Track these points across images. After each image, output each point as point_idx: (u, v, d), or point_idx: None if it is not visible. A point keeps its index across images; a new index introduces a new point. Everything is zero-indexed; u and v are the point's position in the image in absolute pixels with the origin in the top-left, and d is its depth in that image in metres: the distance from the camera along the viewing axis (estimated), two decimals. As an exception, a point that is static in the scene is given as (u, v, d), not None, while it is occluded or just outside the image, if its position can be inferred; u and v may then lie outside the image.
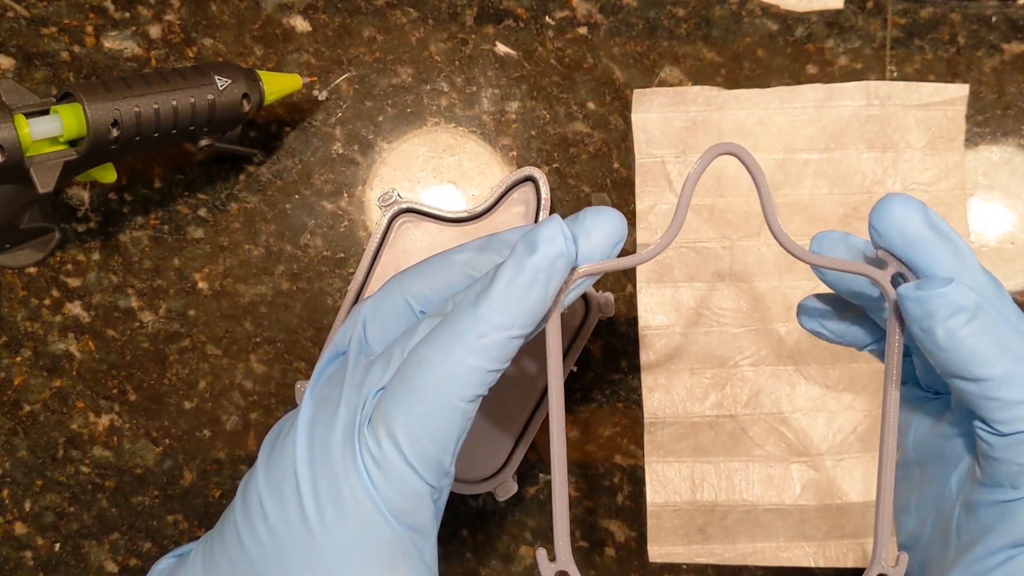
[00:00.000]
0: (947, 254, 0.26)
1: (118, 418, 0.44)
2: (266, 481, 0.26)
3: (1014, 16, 0.45)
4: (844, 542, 0.42)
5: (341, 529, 0.25)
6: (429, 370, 0.24)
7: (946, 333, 0.25)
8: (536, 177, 0.42)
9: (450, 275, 0.27)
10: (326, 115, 0.45)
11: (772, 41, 0.45)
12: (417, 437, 0.24)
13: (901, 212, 0.26)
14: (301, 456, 0.25)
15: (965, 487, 0.28)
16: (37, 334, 0.45)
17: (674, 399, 0.43)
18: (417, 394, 0.24)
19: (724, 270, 0.43)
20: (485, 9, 0.45)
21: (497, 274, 0.25)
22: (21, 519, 0.44)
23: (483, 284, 0.25)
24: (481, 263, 0.27)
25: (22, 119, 0.36)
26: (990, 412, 0.25)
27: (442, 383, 0.24)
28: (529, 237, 0.25)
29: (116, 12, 0.45)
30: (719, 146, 0.27)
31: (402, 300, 0.27)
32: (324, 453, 0.25)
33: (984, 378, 0.25)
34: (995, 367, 0.25)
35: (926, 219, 0.26)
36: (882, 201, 0.26)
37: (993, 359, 0.25)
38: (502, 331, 0.24)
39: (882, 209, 0.26)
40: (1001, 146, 0.44)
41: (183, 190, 0.45)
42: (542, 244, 0.25)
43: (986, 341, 0.25)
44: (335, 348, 0.28)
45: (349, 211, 0.45)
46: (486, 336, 0.24)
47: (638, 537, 0.44)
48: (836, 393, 0.43)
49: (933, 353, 0.26)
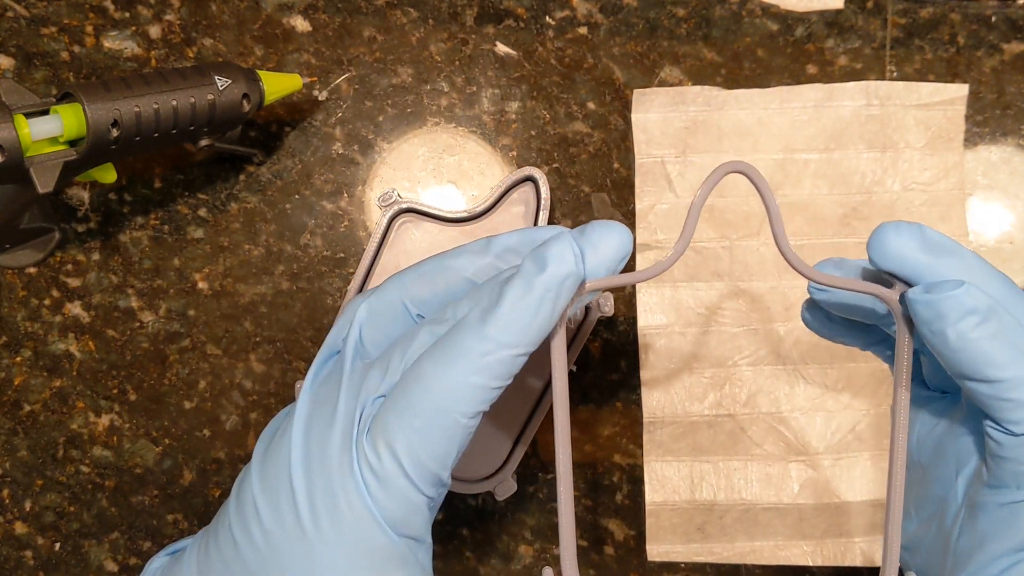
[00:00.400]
0: (950, 272, 0.26)
1: (118, 418, 0.44)
2: (261, 483, 0.26)
3: (1014, 16, 0.45)
4: (842, 541, 0.42)
5: (336, 536, 0.25)
6: (431, 385, 0.24)
7: (957, 336, 0.25)
8: (536, 177, 0.42)
9: (449, 279, 0.27)
10: (326, 115, 0.45)
11: (772, 41, 0.45)
12: (417, 452, 0.24)
13: (895, 241, 0.26)
14: (296, 460, 0.25)
15: (971, 489, 0.28)
16: (37, 334, 0.45)
17: (673, 398, 0.43)
18: (418, 409, 0.24)
19: (724, 270, 0.43)
20: (485, 9, 0.45)
21: (504, 292, 0.24)
22: (21, 519, 0.44)
23: (489, 300, 0.25)
24: (481, 268, 0.27)
25: (22, 119, 0.36)
26: (1003, 412, 0.25)
27: (444, 400, 0.24)
28: (539, 255, 0.25)
29: (116, 12, 0.45)
30: (728, 164, 0.26)
31: (400, 303, 0.27)
32: (321, 459, 0.25)
33: (997, 379, 0.25)
34: (1008, 369, 0.25)
35: (922, 244, 0.26)
36: (876, 232, 0.26)
37: (1006, 361, 0.25)
38: (507, 350, 0.24)
39: (876, 241, 0.26)
40: (1000, 146, 0.44)
41: (183, 190, 0.45)
42: (552, 263, 0.24)
43: (998, 343, 0.25)
44: (329, 348, 0.28)
45: (349, 211, 0.45)
46: (491, 354, 0.24)
47: (637, 536, 0.44)
48: (835, 392, 0.43)
49: (944, 355, 0.26)
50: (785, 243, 0.27)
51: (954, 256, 0.26)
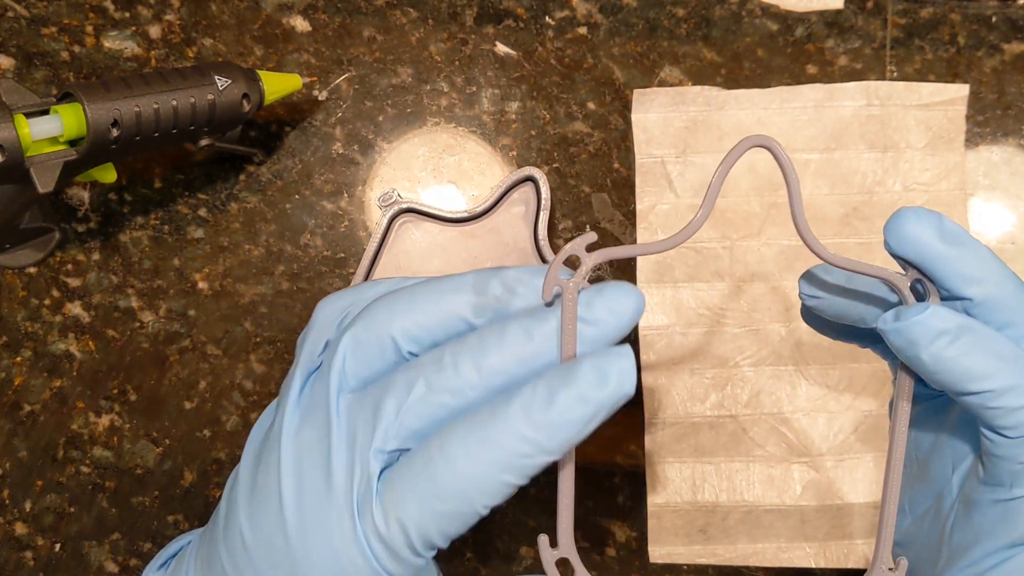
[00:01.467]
0: (965, 264, 0.26)
1: (118, 418, 0.44)
2: (249, 519, 0.25)
3: (1014, 16, 0.45)
4: (845, 543, 0.42)
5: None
6: (460, 472, 0.23)
7: (932, 358, 0.25)
8: (536, 177, 0.42)
9: (444, 314, 0.25)
10: (326, 115, 0.45)
11: (772, 41, 0.45)
12: (428, 531, 0.24)
13: (914, 227, 0.26)
14: (290, 509, 0.24)
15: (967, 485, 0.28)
16: (37, 334, 0.45)
17: (674, 399, 0.43)
18: (443, 495, 0.23)
19: (724, 270, 0.43)
20: (485, 9, 0.45)
21: (557, 398, 0.23)
22: (21, 520, 0.44)
23: (538, 399, 0.23)
24: (479, 306, 0.25)
25: (22, 119, 0.36)
26: (994, 420, 0.25)
27: (470, 491, 0.23)
28: (602, 368, 0.23)
29: (116, 12, 0.45)
30: (751, 139, 0.26)
31: (388, 337, 0.25)
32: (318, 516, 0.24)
33: (981, 391, 0.25)
34: (990, 380, 0.25)
35: (940, 232, 0.26)
36: (895, 216, 0.26)
37: (987, 372, 0.25)
38: (546, 456, 0.23)
39: (895, 224, 0.26)
40: (1001, 146, 0.44)
41: (183, 190, 0.45)
42: (614, 381, 0.23)
43: (976, 357, 0.25)
44: (306, 367, 0.27)
45: (349, 211, 0.45)
46: (528, 459, 0.23)
47: (639, 537, 0.44)
48: (837, 393, 0.43)
49: (926, 376, 0.26)
50: (803, 221, 0.26)
51: (968, 248, 0.26)
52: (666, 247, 0.26)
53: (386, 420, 0.24)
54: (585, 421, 0.23)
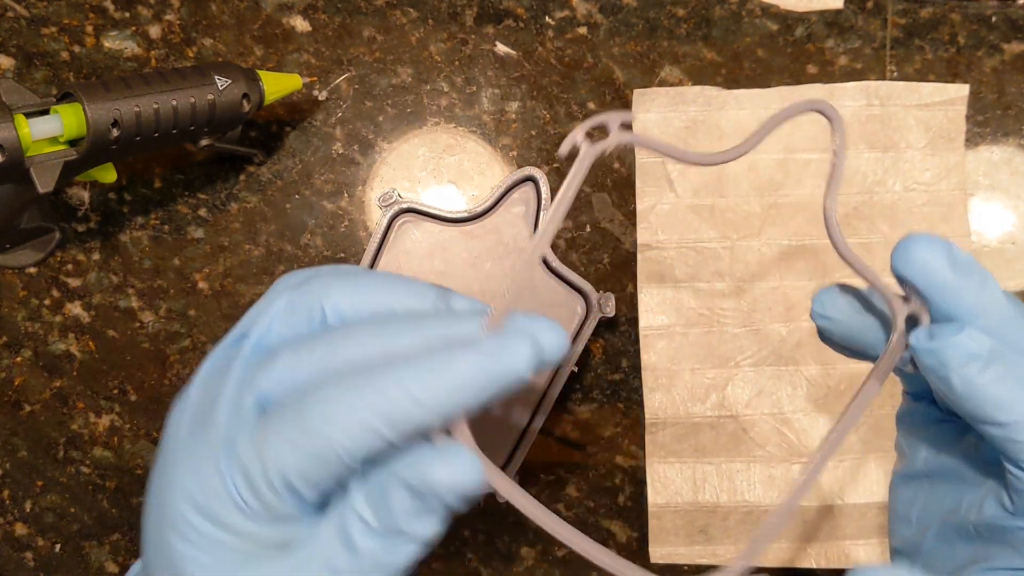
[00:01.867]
0: (970, 295, 0.25)
1: (118, 418, 0.44)
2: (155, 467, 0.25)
3: (1014, 16, 0.45)
4: (846, 543, 0.42)
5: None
6: (326, 412, 0.23)
7: (962, 381, 0.25)
8: (536, 177, 0.42)
9: (377, 304, 0.25)
10: (326, 115, 0.45)
11: (772, 41, 0.45)
12: (286, 467, 0.23)
13: (925, 254, 0.25)
14: (172, 442, 0.25)
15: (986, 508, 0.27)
16: (37, 334, 0.44)
17: (675, 399, 0.43)
18: (306, 430, 0.23)
19: (725, 270, 0.43)
20: (485, 9, 0.45)
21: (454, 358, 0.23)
22: (22, 520, 0.44)
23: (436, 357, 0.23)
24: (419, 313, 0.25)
25: (22, 119, 0.36)
26: (1018, 454, 0.25)
27: (332, 429, 0.23)
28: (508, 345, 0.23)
29: (116, 12, 0.45)
30: (807, 102, 0.25)
31: (319, 306, 0.25)
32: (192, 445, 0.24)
33: (1007, 422, 0.25)
34: (1016, 411, 0.25)
35: (949, 261, 0.25)
36: (904, 242, 0.26)
37: (1014, 403, 0.25)
38: (423, 415, 0.23)
39: (903, 250, 0.26)
40: (1001, 146, 0.44)
41: (183, 190, 0.45)
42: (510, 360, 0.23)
43: (1005, 386, 0.25)
44: (245, 324, 0.27)
45: (349, 211, 0.45)
46: (405, 412, 0.23)
47: (639, 538, 0.44)
48: (837, 394, 0.43)
49: (952, 401, 0.25)
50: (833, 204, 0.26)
51: (974, 278, 0.26)
52: (704, 161, 0.25)
53: (280, 366, 0.24)
54: (474, 391, 0.23)
